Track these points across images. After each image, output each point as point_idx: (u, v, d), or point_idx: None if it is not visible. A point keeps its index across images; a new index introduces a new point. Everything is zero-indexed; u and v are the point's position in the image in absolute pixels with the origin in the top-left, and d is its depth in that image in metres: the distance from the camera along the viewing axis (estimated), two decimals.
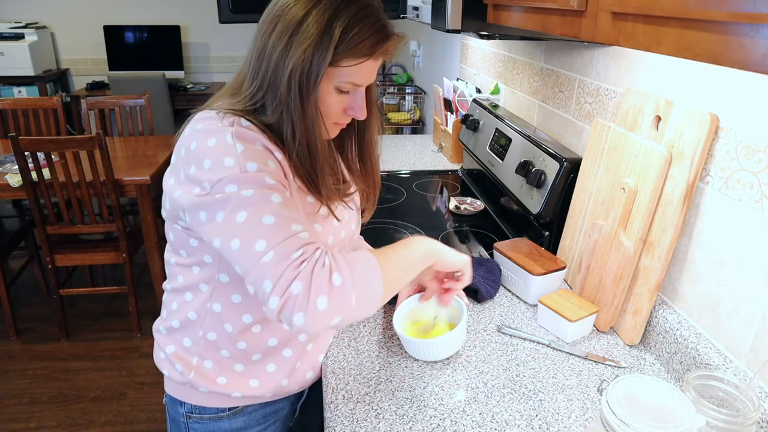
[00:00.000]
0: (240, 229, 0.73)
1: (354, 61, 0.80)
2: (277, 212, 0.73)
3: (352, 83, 0.83)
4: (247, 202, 0.73)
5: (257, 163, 0.76)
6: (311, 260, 0.71)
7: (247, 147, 0.77)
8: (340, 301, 0.71)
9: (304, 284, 0.69)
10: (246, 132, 0.79)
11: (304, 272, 0.70)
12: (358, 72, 0.82)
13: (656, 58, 1.12)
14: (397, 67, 4.45)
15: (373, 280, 0.76)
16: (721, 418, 0.74)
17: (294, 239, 0.72)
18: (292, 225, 0.74)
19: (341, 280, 0.72)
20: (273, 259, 0.70)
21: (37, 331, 2.83)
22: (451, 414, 0.91)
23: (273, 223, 0.72)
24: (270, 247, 0.71)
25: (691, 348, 0.97)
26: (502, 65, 2.01)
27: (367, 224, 1.60)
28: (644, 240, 1.06)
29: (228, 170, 0.75)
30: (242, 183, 0.74)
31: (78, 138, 2.30)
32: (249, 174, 0.75)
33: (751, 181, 0.88)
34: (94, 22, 4.87)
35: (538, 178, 1.37)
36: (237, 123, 0.80)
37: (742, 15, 0.47)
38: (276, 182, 0.77)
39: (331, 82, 0.82)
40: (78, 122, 4.61)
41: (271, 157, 0.80)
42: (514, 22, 1.02)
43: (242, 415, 0.98)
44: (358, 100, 0.86)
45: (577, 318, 1.08)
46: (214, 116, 0.81)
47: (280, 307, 0.69)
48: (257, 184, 0.74)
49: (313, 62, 0.78)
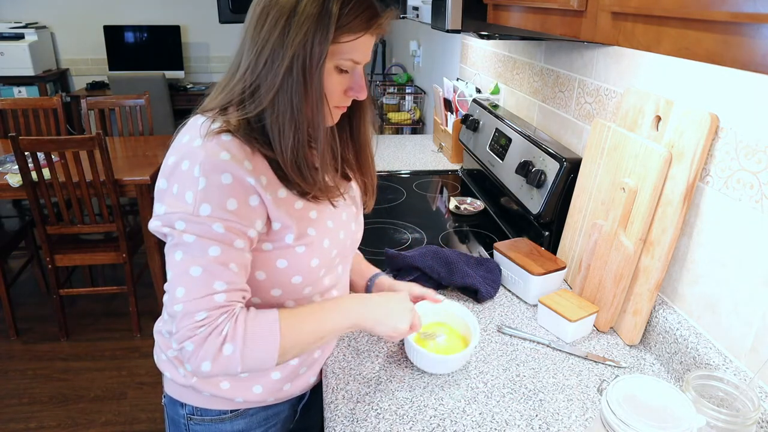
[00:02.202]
0: (174, 266, 0.78)
1: (352, 36, 0.80)
2: (206, 266, 0.77)
3: (352, 60, 0.83)
4: (185, 246, 0.77)
5: (212, 206, 0.77)
6: (210, 326, 0.76)
7: (210, 183, 0.77)
8: (225, 368, 0.77)
9: (195, 347, 0.76)
10: (217, 162, 0.77)
11: (199, 337, 0.76)
12: (356, 48, 0.82)
13: (656, 58, 1.12)
14: (397, 67, 4.45)
15: (266, 353, 0.79)
16: (721, 418, 0.74)
17: (206, 300, 0.76)
18: (215, 283, 0.77)
19: (231, 351, 0.77)
20: (181, 311, 0.76)
21: (37, 331, 2.83)
22: (451, 414, 0.91)
23: (197, 277, 0.76)
24: (184, 299, 0.76)
25: (691, 348, 0.97)
26: (502, 65, 2.01)
27: (368, 224, 1.60)
28: (644, 240, 1.06)
29: (184, 207, 0.77)
30: (189, 225, 0.77)
31: (78, 138, 2.30)
32: (199, 218, 0.76)
33: (751, 181, 0.88)
34: (94, 22, 4.87)
35: (538, 178, 1.37)
36: (216, 142, 0.78)
37: (742, 15, 0.47)
38: (225, 231, 0.77)
39: (332, 62, 0.82)
40: (78, 122, 4.61)
41: (238, 191, 0.78)
42: (514, 22, 1.02)
43: (243, 418, 0.98)
44: (358, 78, 0.86)
45: (577, 318, 1.08)
46: (200, 126, 0.81)
47: (177, 350, 0.78)
48: (201, 232, 0.77)
49: (315, 41, 0.78)
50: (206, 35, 5.12)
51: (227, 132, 0.80)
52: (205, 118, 0.82)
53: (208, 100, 0.87)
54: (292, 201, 0.87)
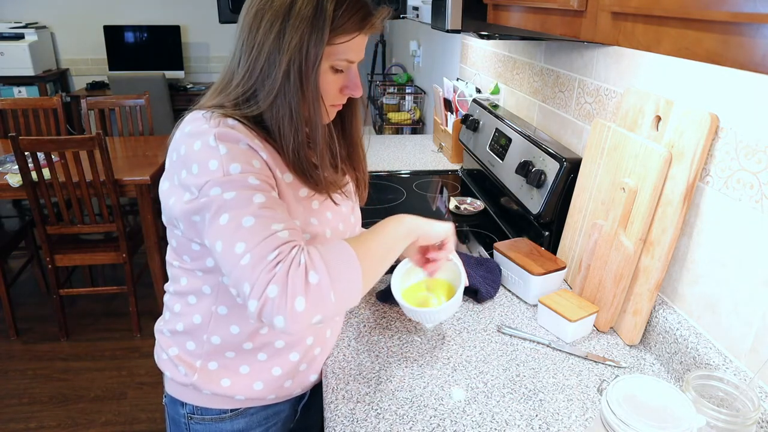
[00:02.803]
0: (222, 231, 0.73)
1: (347, 37, 0.82)
2: (257, 213, 0.73)
3: (347, 60, 0.84)
4: (228, 205, 0.74)
5: (240, 164, 0.76)
6: (286, 261, 0.70)
7: (231, 148, 0.77)
8: (319, 300, 0.70)
9: (280, 286, 0.68)
10: (229, 132, 0.79)
11: (279, 274, 0.69)
12: (351, 48, 0.83)
13: (656, 58, 1.12)
14: (397, 67, 4.45)
15: (351, 272, 0.74)
16: (721, 418, 0.74)
17: (271, 239, 0.71)
18: (272, 224, 0.73)
19: (317, 278, 0.71)
20: (250, 261, 0.70)
21: (37, 331, 2.83)
22: (451, 414, 0.91)
23: (252, 225, 0.72)
24: (248, 250, 0.70)
25: (691, 348, 0.97)
26: (502, 65, 2.01)
27: (368, 224, 1.60)
28: (644, 240, 1.06)
29: (212, 173, 0.75)
30: (225, 185, 0.75)
31: (78, 138, 2.30)
32: (232, 176, 0.75)
33: (751, 181, 0.88)
34: (94, 22, 4.87)
35: (538, 178, 1.37)
36: (222, 123, 0.80)
37: (742, 15, 0.47)
38: (260, 182, 0.77)
39: (327, 62, 0.83)
40: (78, 122, 4.61)
41: (256, 156, 0.80)
42: (514, 22, 1.02)
43: (244, 417, 0.98)
44: (353, 77, 0.87)
45: (577, 318, 1.08)
46: (201, 117, 0.81)
47: (259, 310, 0.69)
48: (240, 186, 0.75)
49: (311, 44, 0.79)
50: (206, 35, 5.12)
51: (232, 118, 0.81)
52: (203, 112, 0.83)
53: (205, 101, 0.88)
54: (298, 187, 0.87)
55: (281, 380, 0.97)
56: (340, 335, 1.10)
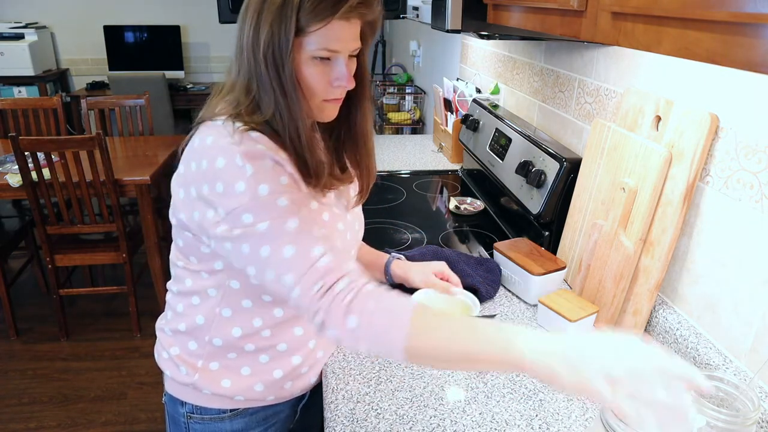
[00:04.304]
0: (267, 263, 0.75)
1: (320, 23, 0.77)
2: (295, 240, 0.75)
3: (327, 49, 0.80)
4: (265, 237, 0.75)
5: (269, 184, 0.76)
6: (330, 294, 0.73)
7: (257, 167, 0.76)
8: (351, 341, 0.73)
9: (324, 315, 0.73)
10: (255, 149, 0.78)
11: (324, 305, 0.73)
12: (328, 35, 0.79)
13: (656, 58, 1.12)
14: (397, 67, 4.45)
15: (391, 338, 0.70)
16: (721, 418, 0.74)
17: (312, 272, 0.74)
18: (312, 250, 0.75)
19: (354, 324, 0.72)
20: (300, 295, 0.74)
21: (37, 331, 2.83)
22: (451, 414, 0.91)
23: (293, 255, 0.74)
24: (296, 283, 0.74)
25: (691, 348, 0.97)
26: (502, 65, 2.01)
27: (368, 224, 1.60)
28: (644, 240, 1.06)
29: (240, 197, 0.75)
30: (257, 212, 0.75)
31: (78, 138, 2.30)
32: (262, 200, 0.75)
33: (751, 181, 0.88)
34: (94, 22, 4.87)
35: (538, 178, 1.37)
36: (246, 138, 0.78)
37: (743, 15, 0.47)
38: (290, 203, 0.77)
39: (305, 52, 0.79)
40: (78, 122, 4.61)
41: (283, 172, 0.79)
42: (514, 22, 1.02)
43: (243, 417, 0.98)
44: (340, 67, 0.82)
45: (577, 318, 1.08)
46: (221, 128, 0.80)
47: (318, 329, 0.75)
48: (271, 212, 0.75)
49: (281, 32, 0.76)
50: (206, 35, 5.11)
51: (253, 129, 0.80)
52: (222, 120, 0.81)
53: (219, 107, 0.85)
54: (308, 201, 0.87)
55: (282, 382, 0.97)
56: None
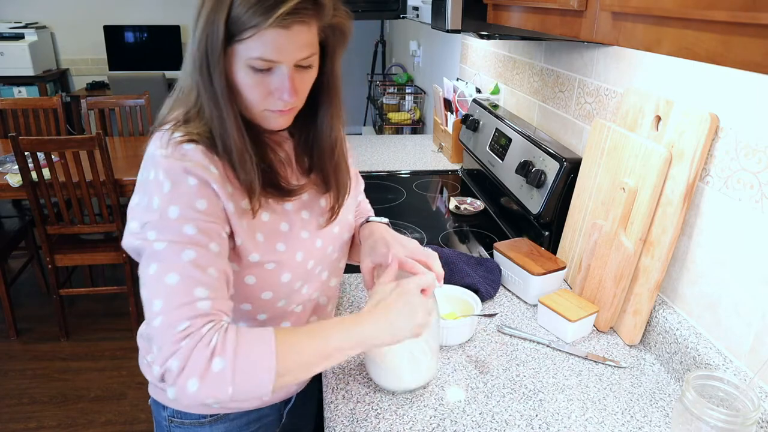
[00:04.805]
0: (148, 280, 0.71)
1: (251, 31, 0.70)
2: (183, 271, 0.70)
3: (262, 59, 0.73)
4: (158, 256, 0.71)
5: (180, 207, 0.72)
6: (195, 336, 0.67)
7: (176, 185, 0.73)
8: (215, 388, 0.67)
9: (180, 362, 0.66)
10: (180, 165, 0.74)
11: (184, 349, 0.67)
12: (263, 44, 0.72)
13: (656, 58, 1.12)
14: (397, 67, 4.46)
15: (260, 373, 0.69)
16: (721, 418, 0.74)
17: (187, 308, 0.69)
18: (196, 289, 0.70)
19: (221, 366, 0.67)
20: (161, 325, 0.68)
21: (37, 331, 2.83)
22: (451, 414, 0.91)
23: (175, 285, 0.70)
24: (162, 311, 0.69)
25: (691, 348, 0.97)
26: (502, 65, 2.01)
27: None
28: (644, 240, 1.06)
29: (152, 213, 0.73)
30: (160, 231, 0.72)
31: (78, 138, 2.30)
32: (168, 221, 0.72)
33: (751, 181, 0.88)
34: (94, 22, 4.87)
35: (538, 178, 1.37)
36: (177, 151, 0.74)
37: (743, 15, 0.47)
38: (197, 231, 0.72)
39: (240, 60, 0.73)
40: (78, 122, 4.61)
41: (205, 193, 0.74)
42: (514, 22, 1.02)
43: (224, 422, 0.96)
44: (280, 79, 0.75)
45: (577, 318, 1.08)
46: (161, 137, 0.77)
47: (159, 375, 0.68)
48: (173, 236, 0.71)
49: (212, 38, 0.71)
50: None
51: (190, 141, 0.76)
52: (164, 130, 0.78)
53: (173, 112, 0.81)
54: (259, 213, 0.82)
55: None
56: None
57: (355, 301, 1.22)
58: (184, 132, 0.77)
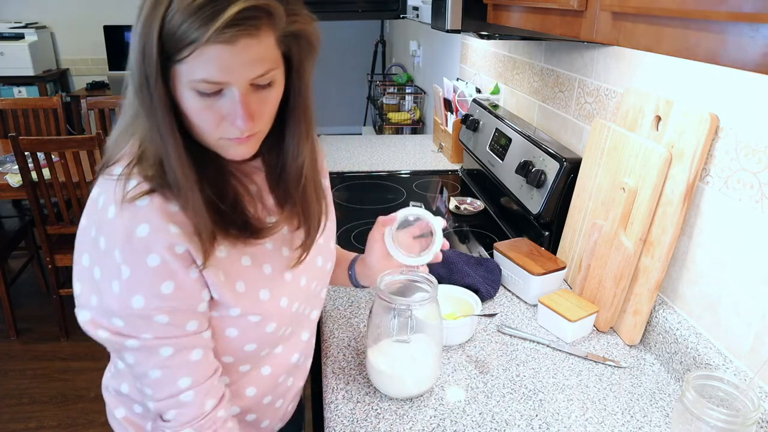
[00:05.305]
0: (131, 368, 0.72)
1: (188, 48, 0.60)
2: (163, 366, 0.70)
3: (206, 81, 0.62)
4: (133, 353, 0.69)
5: (145, 297, 0.66)
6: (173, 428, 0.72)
7: (136, 270, 0.65)
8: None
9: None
10: (136, 238, 0.65)
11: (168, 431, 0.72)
12: (205, 63, 0.60)
13: (656, 58, 1.12)
14: (397, 67, 4.46)
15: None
16: (721, 418, 0.74)
17: (172, 401, 0.72)
18: (178, 381, 0.71)
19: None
20: (154, 409, 0.73)
21: (37, 331, 2.83)
22: (451, 414, 0.91)
23: (158, 378, 0.70)
24: (152, 399, 0.72)
25: (691, 348, 0.97)
26: (502, 65, 2.01)
27: (367, 224, 1.60)
28: (644, 240, 1.06)
29: (113, 299, 0.66)
30: (128, 324, 0.67)
31: (78, 138, 2.30)
32: (134, 312, 0.66)
33: (751, 181, 0.88)
34: (94, 22, 4.87)
35: (538, 178, 1.37)
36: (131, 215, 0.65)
37: (742, 15, 0.47)
38: (169, 321, 0.67)
39: (184, 82, 0.63)
40: (78, 122, 4.61)
41: (170, 272, 0.66)
42: (514, 22, 1.02)
43: None
44: (231, 102, 0.64)
45: (577, 318, 1.08)
46: (113, 187, 0.67)
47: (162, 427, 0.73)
48: (144, 330, 0.67)
49: (146, 50, 0.61)
50: None
51: (144, 195, 0.66)
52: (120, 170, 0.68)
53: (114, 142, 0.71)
54: (238, 257, 0.74)
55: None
56: (341, 336, 1.10)
57: (355, 301, 1.22)
58: (138, 179, 0.67)
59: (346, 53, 5.61)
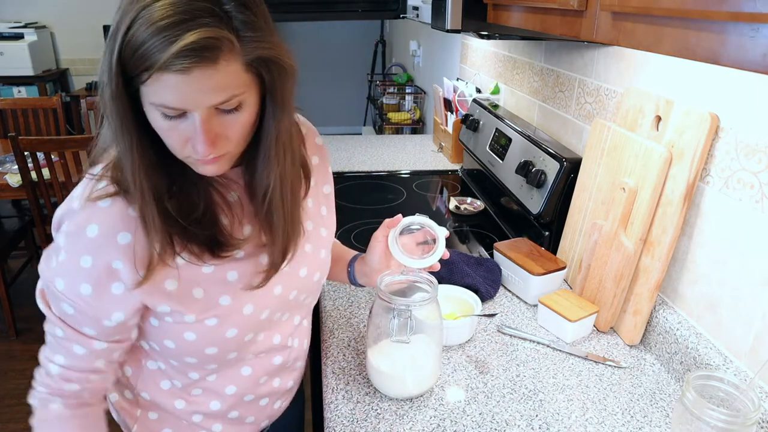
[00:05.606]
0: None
1: (146, 74, 0.59)
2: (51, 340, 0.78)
3: (164, 105, 0.61)
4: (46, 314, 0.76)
5: (66, 283, 0.71)
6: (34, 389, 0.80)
7: (69, 260, 0.70)
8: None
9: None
10: (83, 234, 0.68)
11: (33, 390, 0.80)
12: (163, 88, 0.60)
13: (656, 58, 1.12)
14: (397, 67, 4.46)
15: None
16: (722, 419, 0.74)
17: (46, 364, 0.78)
18: (55, 355, 0.77)
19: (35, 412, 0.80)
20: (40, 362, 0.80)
21: (37, 331, 2.82)
22: (451, 414, 0.91)
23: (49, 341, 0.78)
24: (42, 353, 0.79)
25: (691, 348, 0.97)
26: (502, 65, 2.01)
27: (367, 224, 1.60)
28: (644, 240, 1.06)
29: (48, 270, 0.73)
30: (49, 292, 0.75)
31: (78, 138, 2.30)
32: (54, 289, 0.72)
33: (751, 181, 0.88)
34: (94, 22, 4.87)
35: (538, 178, 1.37)
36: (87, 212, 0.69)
37: (742, 15, 0.47)
38: (73, 313, 0.73)
39: (146, 102, 0.63)
40: (78, 122, 4.61)
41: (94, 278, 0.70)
42: (514, 22, 1.02)
43: None
44: (192, 127, 0.63)
45: (577, 318, 1.08)
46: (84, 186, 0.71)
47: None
48: (53, 304, 0.75)
49: (108, 68, 0.61)
50: None
51: (108, 197, 0.69)
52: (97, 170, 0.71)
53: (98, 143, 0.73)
54: (199, 265, 0.74)
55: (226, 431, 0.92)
56: (340, 335, 1.10)
57: (355, 301, 1.22)
58: (108, 181, 0.70)
59: (346, 53, 5.61)
